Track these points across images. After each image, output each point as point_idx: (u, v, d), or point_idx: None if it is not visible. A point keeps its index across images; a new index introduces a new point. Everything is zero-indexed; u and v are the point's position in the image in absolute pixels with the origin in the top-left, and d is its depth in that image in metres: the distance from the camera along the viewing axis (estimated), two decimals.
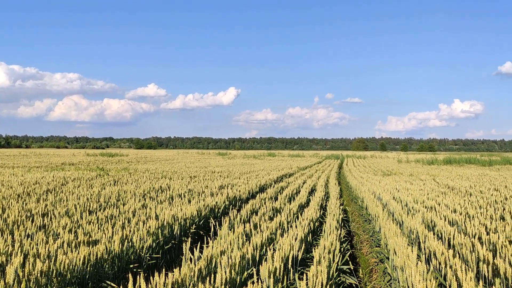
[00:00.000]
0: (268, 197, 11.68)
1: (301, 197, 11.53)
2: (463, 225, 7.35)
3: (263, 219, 7.98)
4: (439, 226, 7.04)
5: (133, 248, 5.98)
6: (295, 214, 8.86)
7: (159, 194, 11.30)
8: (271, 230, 6.65)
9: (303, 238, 6.26)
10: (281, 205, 10.24)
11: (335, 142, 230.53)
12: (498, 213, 8.80)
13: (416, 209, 9.31)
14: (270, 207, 9.42)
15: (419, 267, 4.22)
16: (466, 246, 5.49)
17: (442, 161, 42.78)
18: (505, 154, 73.64)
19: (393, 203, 10.08)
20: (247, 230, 6.87)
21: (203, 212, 8.85)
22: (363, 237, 9.60)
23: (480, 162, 41.08)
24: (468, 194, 12.68)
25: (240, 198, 11.76)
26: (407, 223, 7.49)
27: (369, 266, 7.38)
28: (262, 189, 14.78)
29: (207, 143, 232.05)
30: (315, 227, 7.98)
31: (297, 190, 14.22)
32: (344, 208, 12.43)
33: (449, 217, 8.12)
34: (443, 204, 10.11)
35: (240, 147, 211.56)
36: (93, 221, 7.35)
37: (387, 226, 6.86)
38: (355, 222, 11.34)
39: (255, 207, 9.71)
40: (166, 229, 7.04)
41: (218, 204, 9.87)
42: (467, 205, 9.78)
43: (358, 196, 14.12)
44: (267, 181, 16.49)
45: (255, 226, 7.36)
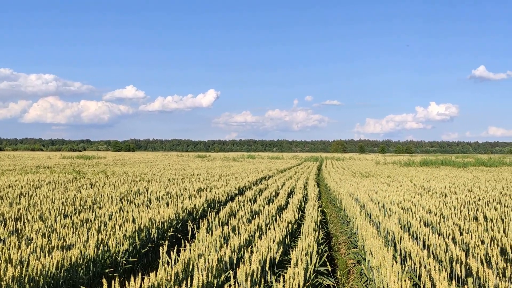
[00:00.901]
0: (247, 199, 11.66)
1: (280, 199, 11.56)
2: (438, 226, 7.48)
3: (241, 221, 7.97)
4: (415, 227, 7.15)
5: (109, 252, 5.88)
6: (273, 216, 8.87)
7: (136, 197, 11.16)
8: (249, 233, 6.64)
9: (281, 240, 6.27)
10: (260, 207, 10.24)
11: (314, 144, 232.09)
12: (472, 214, 9.00)
13: (393, 210, 9.43)
14: (248, 210, 9.40)
15: (394, 267, 4.28)
16: (440, 246, 5.59)
17: (418, 162, 43.54)
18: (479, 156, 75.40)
19: (370, 204, 10.20)
20: (225, 233, 6.85)
21: (181, 215, 8.78)
22: (341, 238, 9.67)
23: (455, 163, 41.96)
24: (443, 195, 12.93)
25: (219, 200, 11.72)
26: (384, 224, 7.59)
27: (347, 267, 7.43)
28: (241, 191, 14.75)
29: (186, 146, 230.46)
30: (293, 229, 8.00)
31: (276, 192, 14.25)
32: (322, 210, 12.51)
33: (424, 218, 8.26)
34: (419, 205, 10.28)
35: (219, 149, 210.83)
36: (68, 225, 7.20)
37: (364, 228, 6.93)
38: (334, 223, 11.42)
39: (233, 210, 9.68)
40: (143, 232, 6.96)
41: (196, 207, 9.81)
42: (442, 206, 9.98)
43: (337, 198, 14.25)
44: (246, 184, 16.47)
45: (234, 229, 7.34)
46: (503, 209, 9.65)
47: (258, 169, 28.66)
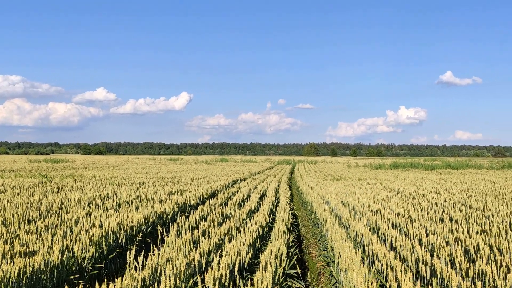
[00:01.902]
0: (218, 202, 11.60)
1: (251, 202, 11.54)
2: (405, 228, 7.62)
3: (212, 225, 7.91)
4: (383, 229, 7.27)
5: (75, 258, 5.72)
6: (244, 219, 8.84)
7: (105, 202, 10.92)
8: (220, 236, 6.60)
9: (252, 243, 6.25)
10: (231, 210, 10.20)
11: (287, 148, 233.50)
12: (438, 215, 9.21)
13: (363, 213, 9.56)
14: (219, 213, 9.35)
15: (362, 269, 4.32)
16: (407, 247, 5.70)
17: (389, 165, 44.39)
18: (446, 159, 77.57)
19: (341, 207, 10.31)
20: (195, 237, 6.78)
21: (151, 219, 8.64)
22: (312, 241, 9.73)
23: (423, 166, 42.99)
24: (412, 197, 13.20)
25: (190, 204, 11.61)
26: (353, 226, 7.67)
27: (317, 269, 7.48)
28: (212, 194, 14.67)
29: (158, 149, 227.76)
30: (264, 232, 8.00)
31: (248, 196, 14.23)
32: (294, 213, 12.57)
33: (392, 220, 8.41)
34: (388, 207, 10.45)
35: (192, 152, 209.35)
36: (32, 231, 6.97)
37: (333, 230, 7.00)
38: (305, 226, 11.48)
39: (204, 213, 9.60)
40: (111, 237, 6.81)
41: (167, 211, 9.68)
42: (410, 208, 10.18)
43: (308, 201, 14.34)
44: (218, 187, 16.39)
45: (204, 233, 7.28)
46: (467, 211, 9.92)
47: (231, 172, 28.59)
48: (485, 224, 8.05)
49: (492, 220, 8.47)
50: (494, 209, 10.00)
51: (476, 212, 9.53)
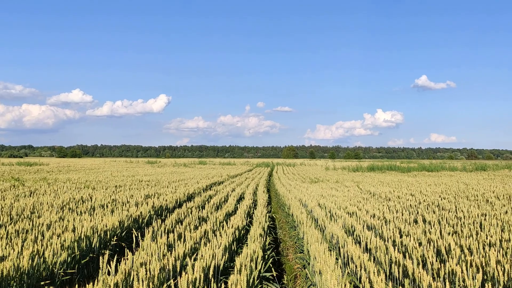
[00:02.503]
0: (195, 205, 11.52)
1: (228, 205, 11.51)
2: (380, 229, 7.72)
3: (188, 228, 7.84)
4: (358, 231, 7.34)
5: (46, 263, 5.59)
6: (221, 222, 8.81)
7: (79, 205, 10.72)
8: (195, 240, 6.55)
9: (228, 246, 6.22)
10: (208, 213, 10.14)
11: (266, 150, 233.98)
12: (412, 217, 9.36)
13: (339, 215, 9.64)
14: (196, 216, 9.29)
15: (336, 271, 4.36)
16: (381, 249, 5.77)
17: (366, 168, 44.98)
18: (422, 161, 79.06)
19: (317, 209, 10.37)
20: (171, 240, 6.71)
21: (126, 223, 8.52)
22: (289, 243, 9.76)
23: (399, 169, 43.71)
24: (387, 199, 13.40)
25: (167, 207, 11.49)
26: (329, 229, 7.73)
27: (294, 272, 7.50)
28: (190, 197, 14.57)
29: (136, 151, 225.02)
30: (240, 235, 7.98)
31: (225, 198, 14.19)
32: (272, 216, 12.59)
33: (368, 222, 8.51)
34: (364, 209, 10.57)
35: (171, 155, 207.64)
36: (1, 236, 6.78)
37: (309, 233, 7.03)
38: (283, 229, 11.51)
39: (180, 217, 9.52)
40: (84, 242, 6.68)
41: (143, 214, 9.56)
42: (385, 210, 10.32)
43: (286, 203, 14.39)
44: (196, 190, 16.29)
45: (180, 236, 7.21)
46: (441, 212, 10.13)
47: (209, 175, 28.47)
48: (457, 225, 8.22)
49: (463, 221, 8.66)
50: (466, 210, 10.23)
51: (449, 214, 9.72)
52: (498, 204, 11.76)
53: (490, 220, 8.69)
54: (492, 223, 8.42)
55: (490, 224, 8.35)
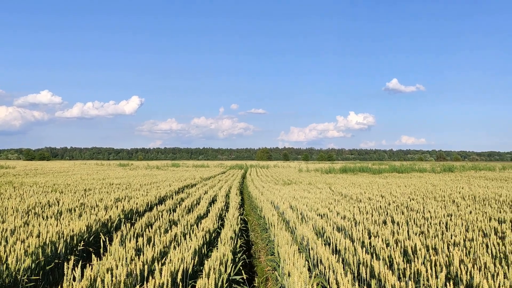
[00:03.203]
0: (167, 209, 11.39)
1: (200, 208, 11.43)
2: (350, 231, 7.81)
3: (158, 232, 7.74)
4: (328, 233, 7.41)
5: (8, 270, 5.40)
6: (192, 225, 8.73)
7: (46, 210, 10.43)
8: (165, 243, 6.46)
9: (198, 250, 6.17)
10: (179, 217, 10.04)
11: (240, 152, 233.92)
12: (382, 218, 9.53)
13: (310, 217, 9.71)
14: (167, 219, 9.18)
15: (304, 273, 4.38)
16: (349, 250, 5.83)
17: (338, 170, 45.51)
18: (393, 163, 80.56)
19: (289, 211, 10.42)
20: (140, 245, 6.60)
21: (94, 227, 8.33)
22: (261, 246, 9.76)
23: (371, 170, 44.41)
24: (358, 201, 13.58)
25: (137, 211, 11.31)
26: (300, 230, 7.77)
27: (265, 274, 7.50)
28: (161, 200, 14.39)
29: (108, 154, 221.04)
30: (211, 238, 7.93)
31: (198, 201, 14.08)
32: (244, 218, 12.57)
33: (338, 223, 8.60)
34: (335, 211, 10.68)
35: (143, 157, 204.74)
36: None
37: (280, 235, 7.05)
38: (255, 231, 11.50)
39: (151, 220, 9.39)
40: (49, 247, 6.49)
41: (112, 218, 9.38)
42: (356, 211, 10.46)
43: (258, 206, 14.39)
44: (168, 193, 16.11)
45: (149, 240, 7.11)
46: (409, 213, 10.34)
47: (182, 177, 28.21)
48: (424, 226, 8.41)
49: (430, 222, 8.87)
50: (433, 211, 10.48)
51: (417, 214, 9.94)
52: (464, 204, 12.10)
53: (456, 220, 8.92)
54: (457, 223, 8.65)
55: (455, 224, 8.58)
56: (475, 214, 9.93)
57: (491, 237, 6.95)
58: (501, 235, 7.62)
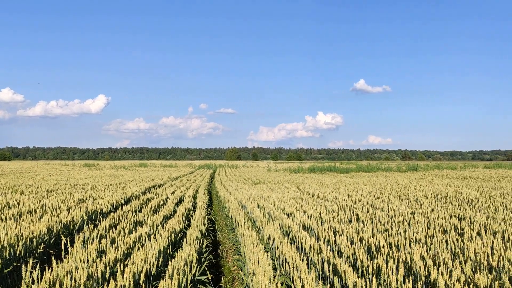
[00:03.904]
0: (132, 209, 11.19)
1: (167, 208, 11.29)
2: (316, 230, 7.89)
3: (122, 233, 7.59)
4: (294, 232, 7.46)
5: None
6: (158, 226, 8.61)
7: (5, 211, 10.04)
8: (129, 245, 6.34)
9: (162, 250, 6.08)
10: (145, 217, 9.89)
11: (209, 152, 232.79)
12: (348, 217, 9.68)
13: (277, 216, 9.75)
14: (132, 220, 9.01)
15: (269, 272, 4.39)
16: (314, 249, 5.89)
17: (307, 169, 46.01)
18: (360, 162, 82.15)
19: (256, 211, 10.43)
20: (103, 246, 6.45)
21: (56, 229, 8.08)
22: (228, 245, 9.73)
23: (339, 170, 45.14)
24: (325, 200, 13.76)
25: (102, 211, 11.06)
26: (266, 230, 7.79)
27: (232, 274, 7.48)
28: (127, 201, 14.13)
29: (72, 154, 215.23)
30: (177, 239, 7.84)
31: (164, 201, 13.91)
32: (212, 218, 12.50)
33: (305, 222, 8.67)
34: (302, 210, 10.78)
35: (110, 157, 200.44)
36: None
37: (246, 234, 7.04)
38: (223, 231, 11.46)
39: (115, 221, 9.20)
40: (8, 250, 6.25)
41: (74, 220, 9.12)
42: (322, 210, 10.58)
43: (226, 206, 14.35)
44: (134, 193, 15.84)
45: (113, 241, 6.96)
46: (374, 211, 10.55)
47: (149, 177, 27.82)
48: (388, 224, 8.59)
49: (394, 220, 9.07)
50: (397, 209, 10.73)
51: (381, 213, 10.16)
52: (426, 202, 12.46)
53: (418, 218, 9.16)
54: (419, 220, 8.89)
55: (418, 222, 8.82)
56: (437, 212, 10.23)
57: (450, 233, 7.18)
58: (460, 231, 7.89)
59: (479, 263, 5.19)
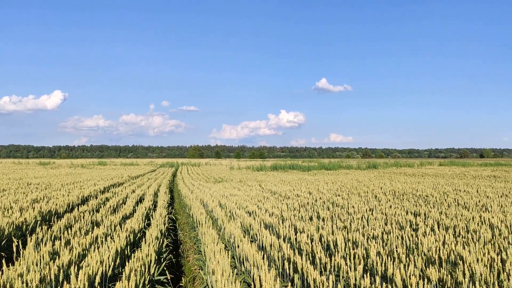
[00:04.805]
0: (90, 209, 10.87)
1: (126, 207, 11.03)
2: (277, 227, 7.93)
3: (78, 234, 7.34)
4: (256, 230, 7.47)
5: None
6: (116, 226, 8.39)
7: None
8: (85, 246, 6.14)
9: (120, 251, 5.93)
10: (103, 217, 9.62)
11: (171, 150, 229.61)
12: (308, 214, 9.79)
13: (239, 214, 9.74)
14: (89, 220, 8.75)
15: (228, 270, 4.36)
16: (274, 247, 5.91)
17: (269, 167, 46.30)
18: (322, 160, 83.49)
19: (218, 210, 10.37)
20: (57, 248, 6.22)
21: (7, 230, 7.72)
22: (189, 245, 9.63)
23: (301, 168, 45.71)
24: (287, 198, 13.86)
25: (57, 212, 10.67)
26: (228, 228, 7.76)
27: (192, 273, 7.40)
28: (84, 201, 13.71)
29: (27, 152, 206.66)
30: (136, 239, 7.67)
31: (124, 201, 13.60)
32: (173, 217, 12.33)
33: (266, 220, 8.70)
34: (263, 208, 10.81)
35: (67, 155, 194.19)
36: None
37: (207, 233, 6.99)
38: (184, 230, 11.33)
39: (71, 221, 8.90)
40: None
41: (27, 221, 8.75)
42: (284, 208, 10.66)
43: (187, 204, 14.21)
44: (92, 192, 15.39)
45: (68, 243, 6.72)
46: (334, 209, 10.72)
47: (108, 176, 27.14)
48: (347, 221, 8.76)
49: (353, 217, 9.25)
50: (357, 206, 10.96)
51: (341, 210, 10.34)
52: (384, 199, 12.80)
53: (376, 215, 9.40)
54: (377, 217, 9.11)
55: (376, 218, 9.03)
56: (394, 208, 10.52)
57: (406, 229, 7.40)
58: (415, 227, 8.14)
59: (432, 257, 5.37)
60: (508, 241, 6.50)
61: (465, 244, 6.36)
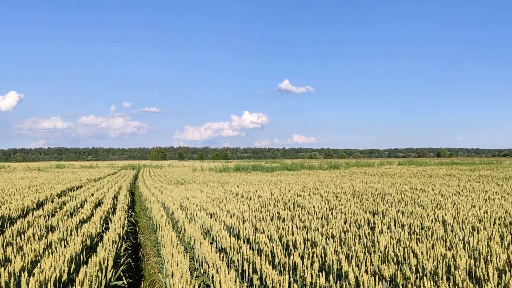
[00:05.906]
0: (45, 214, 10.50)
1: (84, 211, 10.74)
2: (237, 229, 7.95)
3: (32, 239, 7.09)
4: (216, 231, 7.45)
5: None
6: (72, 230, 8.16)
7: None
8: (38, 252, 5.93)
9: (75, 256, 5.77)
10: (58, 222, 9.32)
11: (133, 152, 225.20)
12: (270, 215, 9.86)
13: (200, 216, 9.68)
14: (43, 225, 8.46)
15: (186, 272, 4.33)
16: (234, 248, 5.92)
17: (232, 168, 46.25)
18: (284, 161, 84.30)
19: (179, 212, 10.27)
20: (9, 255, 5.98)
21: None
22: (149, 248, 9.48)
23: (264, 168, 45.93)
24: (249, 199, 13.90)
25: (10, 217, 10.25)
26: (188, 231, 7.70)
27: (152, 277, 7.29)
28: (40, 205, 13.24)
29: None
30: (93, 243, 7.48)
31: (82, 204, 13.23)
32: (133, 220, 12.11)
33: (227, 222, 8.69)
34: (225, 209, 10.80)
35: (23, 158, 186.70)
36: None
37: (166, 236, 6.91)
38: (144, 233, 11.15)
39: (24, 227, 8.57)
40: None
41: None
42: (245, 209, 10.68)
43: (148, 207, 14.00)
44: (48, 196, 14.88)
45: (20, 249, 6.47)
46: (295, 209, 10.85)
47: (66, 179, 26.32)
48: (307, 220, 8.88)
49: (313, 217, 9.40)
50: (317, 206, 11.13)
51: (302, 210, 10.47)
52: (345, 199, 13.07)
53: (336, 214, 9.58)
54: (337, 216, 9.29)
55: (335, 218, 9.21)
56: (353, 208, 10.76)
57: (364, 228, 7.59)
58: (373, 225, 8.37)
59: (387, 254, 5.54)
60: (459, 237, 6.79)
61: (418, 241, 6.59)
